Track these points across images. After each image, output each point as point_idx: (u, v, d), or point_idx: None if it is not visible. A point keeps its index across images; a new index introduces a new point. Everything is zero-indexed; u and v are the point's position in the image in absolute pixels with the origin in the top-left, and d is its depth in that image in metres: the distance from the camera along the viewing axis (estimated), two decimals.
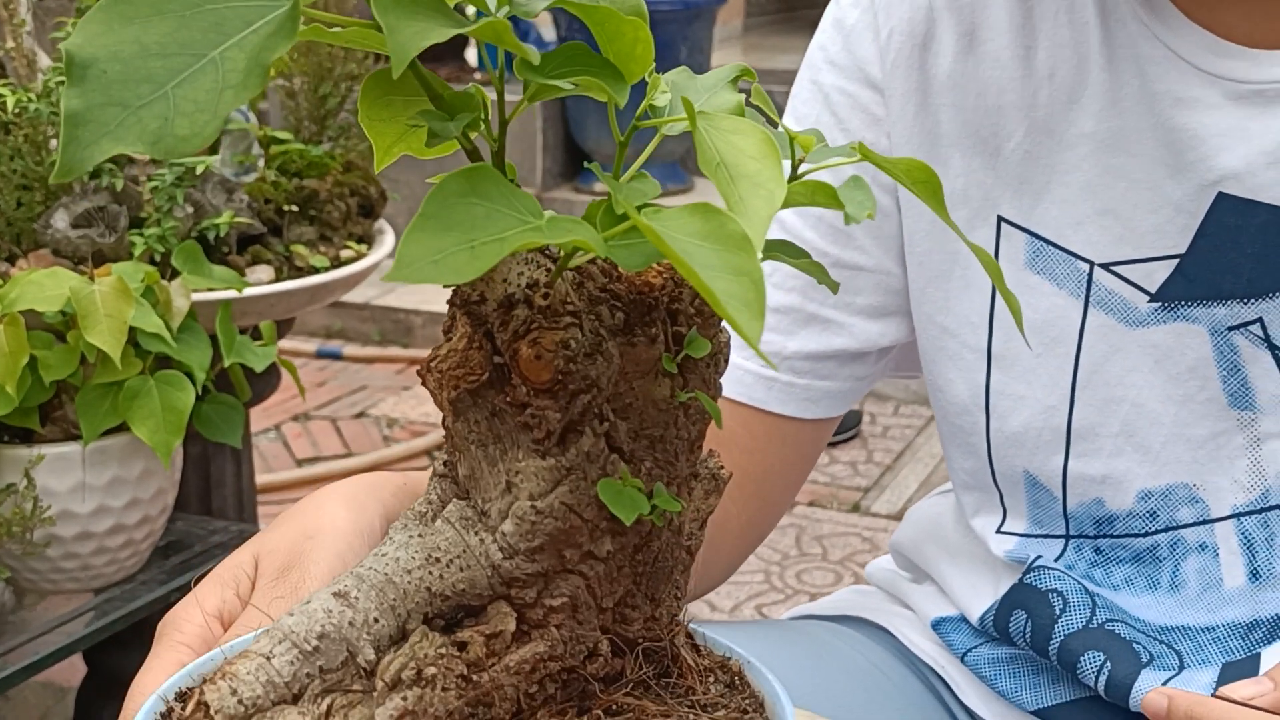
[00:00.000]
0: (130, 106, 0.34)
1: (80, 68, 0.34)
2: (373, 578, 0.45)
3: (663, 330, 0.45)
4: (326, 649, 0.44)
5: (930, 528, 0.89)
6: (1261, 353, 0.72)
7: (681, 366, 0.46)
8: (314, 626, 0.44)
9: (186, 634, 0.58)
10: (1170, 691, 0.56)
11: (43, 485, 1.12)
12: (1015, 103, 0.76)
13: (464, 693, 0.43)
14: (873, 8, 0.80)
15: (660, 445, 0.46)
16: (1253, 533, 0.74)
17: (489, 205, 0.39)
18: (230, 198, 1.31)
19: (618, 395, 0.45)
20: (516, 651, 0.44)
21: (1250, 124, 0.71)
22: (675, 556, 0.47)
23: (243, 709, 0.43)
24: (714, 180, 0.37)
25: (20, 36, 1.30)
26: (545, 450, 0.43)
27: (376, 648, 0.44)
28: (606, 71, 0.42)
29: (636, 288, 0.44)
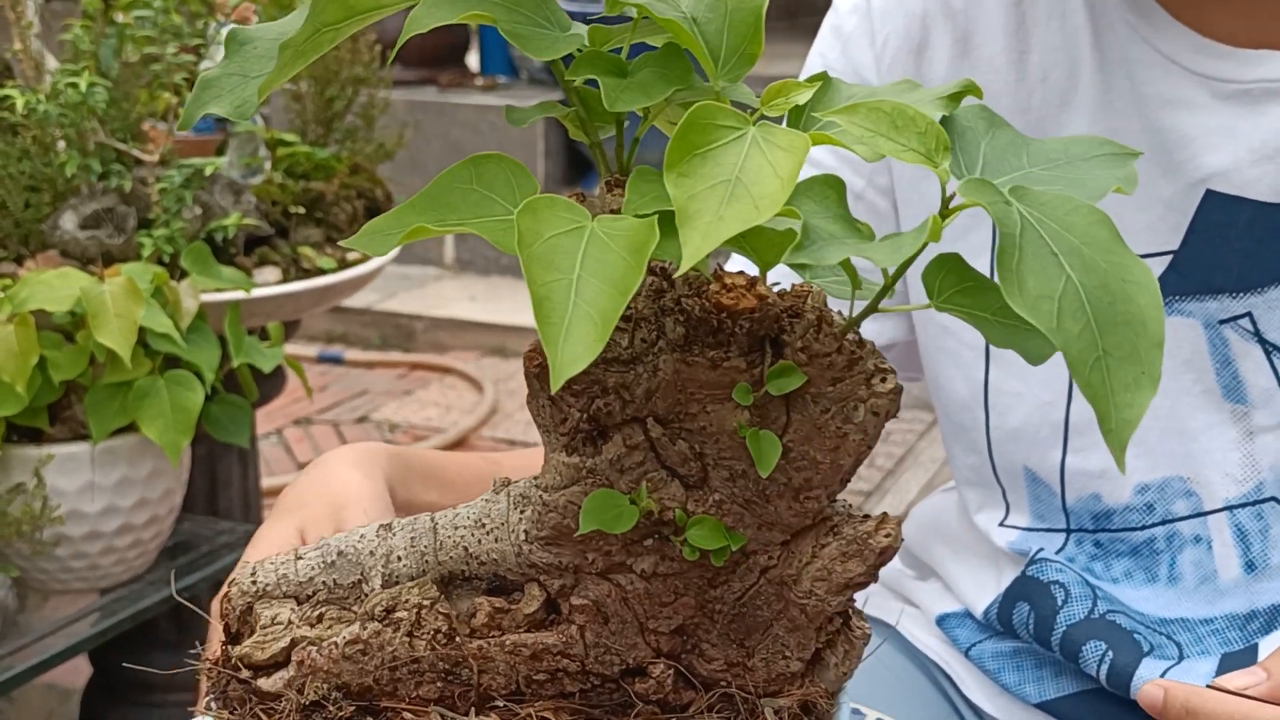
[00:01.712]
0: (247, 76, 0.43)
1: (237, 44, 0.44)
2: (422, 523, 0.47)
3: (741, 357, 0.42)
4: (342, 566, 0.47)
5: (934, 524, 0.90)
6: (1251, 346, 0.73)
7: (788, 404, 0.43)
8: (341, 544, 0.48)
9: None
10: (1166, 683, 0.56)
11: (51, 485, 1.12)
12: (1009, 106, 0.78)
13: (436, 646, 0.45)
14: (869, 15, 0.82)
15: (742, 481, 0.43)
16: (1246, 525, 0.75)
17: (484, 193, 0.41)
18: (238, 199, 1.32)
19: (687, 414, 0.43)
20: (522, 634, 0.45)
21: (1237, 123, 0.72)
22: (775, 609, 0.44)
23: (254, 589, 0.48)
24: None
25: (28, 39, 1.31)
26: (573, 447, 0.44)
27: (385, 580, 0.47)
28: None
29: (711, 306, 0.42)
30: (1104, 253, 0.36)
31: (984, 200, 0.38)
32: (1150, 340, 0.35)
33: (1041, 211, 0.37)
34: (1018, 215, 0.37)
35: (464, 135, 3.99)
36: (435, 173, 0.41)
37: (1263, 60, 0.72)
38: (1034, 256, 0.36)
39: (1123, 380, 0.35)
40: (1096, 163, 0.42)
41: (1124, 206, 0.76)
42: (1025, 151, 0.43)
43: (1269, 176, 0.71)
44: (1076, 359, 0.35)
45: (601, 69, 0.42)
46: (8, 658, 1.14)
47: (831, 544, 0.44)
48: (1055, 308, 0.35)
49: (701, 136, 0.38)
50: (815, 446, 0.43)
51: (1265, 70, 0.72)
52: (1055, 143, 0.43)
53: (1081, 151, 0.42)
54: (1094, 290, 0.36)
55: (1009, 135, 0.43)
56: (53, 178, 1.23)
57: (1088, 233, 0.37)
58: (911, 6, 0.81)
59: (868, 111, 0.40)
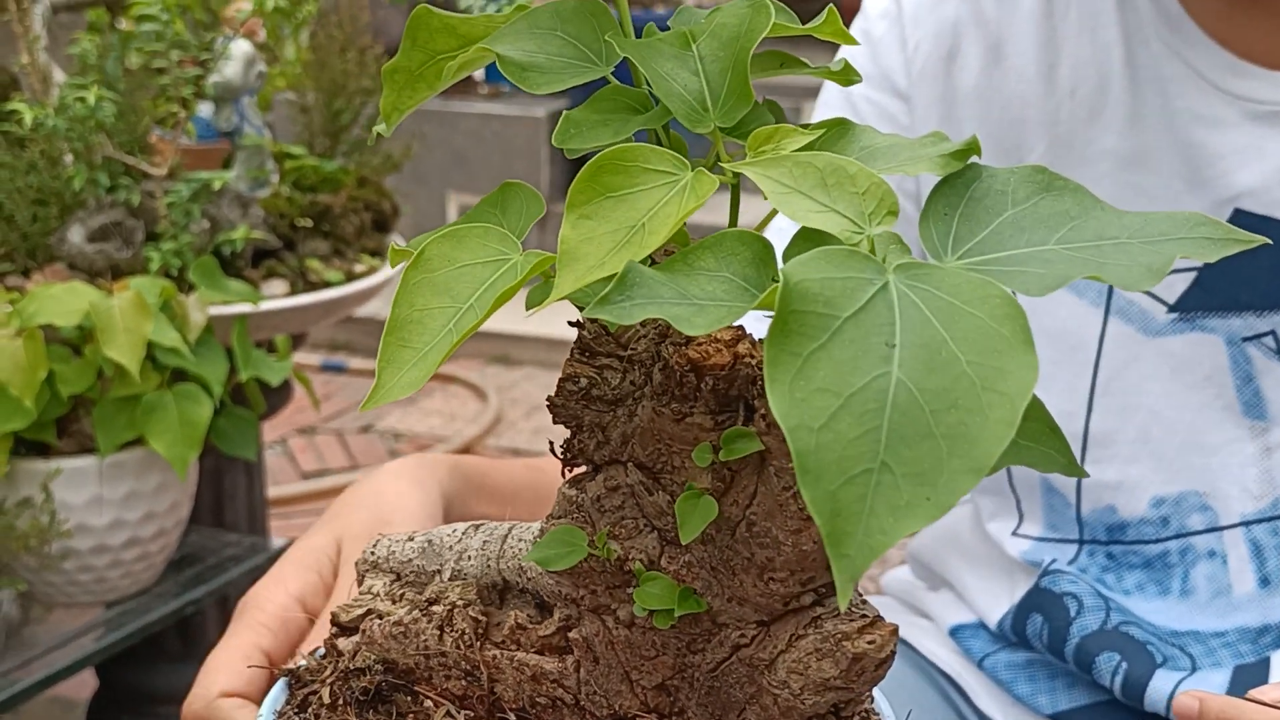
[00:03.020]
0: None
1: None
2: (500, 529, 0.49)
3: (708, 415, 0.40)
4: (429, 554, 0.49)
5: (948, 535, 0.90)
6: (1274, 364, 0.73)
7: (758, 474, 0.40)
8: (435, 535, 0.50)
9: (267, 613, 0.59)
10: (1201, 694, 0.56)
11: (59, 499, 1.12)
12: (1037, 117, 0.78)
13: (460, 645, 0.46)
14: (900, 20, 0.82)
15: (712, 546, 0.41)
16: (1262, 540, 0.75)
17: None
18: (245, 212, 1.32)
19: (671, 466, 0.41)
20: (530, 654, 0.45)
21: (1266, 143, 0.72)
22: (748, 692, 0.42)
23: (371, 560, 0.51)
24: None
25: (35, 52, 1.31)
26: (573, 479, 0.44)
27: (453, 575, 0.48)
28: None
29: (686, 359, 0.39)
30: (980, 353, 0.30)
31: (839, 274, 0.32)
32: (969, 463, 0.29)
33: (933, 298, 0.31)
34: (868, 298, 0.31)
35: (468, 144, 3.99)
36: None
37: None
38: (850, 345, 0.30)
39: (892, 501, 0.29)
40: (1167, 245, 0.35)
41: None
42: (1075, 225, 0.36)
43: None
44: (824, 465, 0.29)
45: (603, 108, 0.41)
46: (14, 671, 1.14)
47: (809, 637, 0.41)
48: (834, 404, 0.30)
49: (619, 179, 0.36)
50: (777, 525, 0.40)
51: None
52: (1135, 218, 0.36)
53: (1161, 230, 0.36)
54: (918, 394, 0.30)
55: (1064, 204, 0.37)
56: (60, 191, 1.23)
57: (977, 329, 0.31)
58: (944, 12, 0.81)
59: (794, 165, 0.35)
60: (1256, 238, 0.34)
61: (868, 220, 0.35)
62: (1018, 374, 0.30)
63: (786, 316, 0.31)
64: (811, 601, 0.41)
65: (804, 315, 0.31)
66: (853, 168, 0.35)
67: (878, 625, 0.41)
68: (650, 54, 0.40)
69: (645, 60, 0.40)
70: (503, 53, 0.42)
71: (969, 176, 0.37)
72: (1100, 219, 0.36)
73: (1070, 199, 0.36)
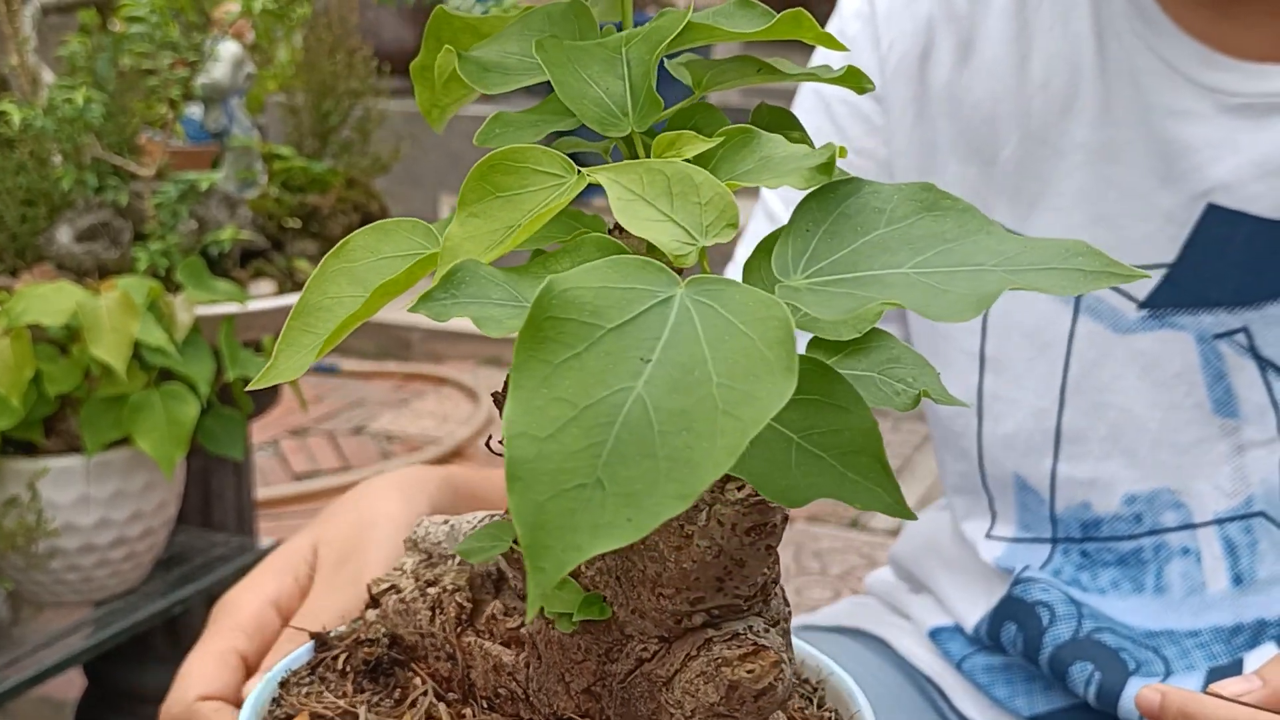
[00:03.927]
0: None
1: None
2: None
3: None
4: (453, 538, 0.51)
5: (928, 539, 0.90)
6: (1246, 361, 0.73)
7: None
8: (463, 521, 0.51)
9: (242, 617, 0.59)
10: (1163, 688, 0.57)
11: (46, 498, 1.12)
12: (1010, 112, 0.78)
13: (445, 629, 0.47)
14: (874, 20, 0.82)
15: (617, 555, 0.41)
16: (1235, 538, 0.75)
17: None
18: (233, 213, 1.32)
19: None
20: (495, 645, 0.46)
21: (1240, 136, 0.72)
22: (650, 708, 0.42)
23: (414, 539, 0.52)
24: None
25: (24, 53, 1.31)
26: None
27: (461, 561, 0.49)
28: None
29: None
30: (736, 376, 0.29)
31: (622, 284, 0.31)
32: (681, 488, 0.28)
33: (714, 316, 0.30)
34: (641, 311, 0.30)
35: (463, 146, 3.99)
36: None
37: (1268, 74, 0.72)
38: (604, 357, 0.29)
39: (595, 519, 0.28)
40: (1027, 274, 0.32)
41: (1125, 218, 0.76)
42: (945, 248, 0.34)
43: (1272, 192, 0.72)
44: (538, 475, 0.28)
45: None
46: (2, 670, 1.14)
47: (699, 659, 0.40)
48: (568, 415, 0.29)
49: (510, 179, 0.36)
50: (663, 539, 0.39)
51: (1270, 84, 0.72)
52: (1016, 244, 0.34)
53: (1036, 258, 0.33)
54: (654, 412, 0.29)
55: (943, 225, 0.34)
56: (48, 191, 1.23)
57: (744, 350, 0.29)
58: (917, 10, 0.81)
59: (646, 172, 0.34)
60: (1137, 272, 0.32)
61: (704, 232, 0.34)
62: (763, 400, 0.29)
63: (543, 323, 0.30)
64: (703, 622, 0.41)
65: (564, 323, 0.30)
66: (699, 177, 0.34)
67: (760, 655, 0.40)
68: (581, 58, 0.40)
69: (569, 64, 0.39)
70: (475, 55, 0.42)
71: (845, 192, 0.35)
72: (977, 243, 0.34)
73: (953, 220, 0.34)
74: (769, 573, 0.41)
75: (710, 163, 0.37)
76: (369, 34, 1.61)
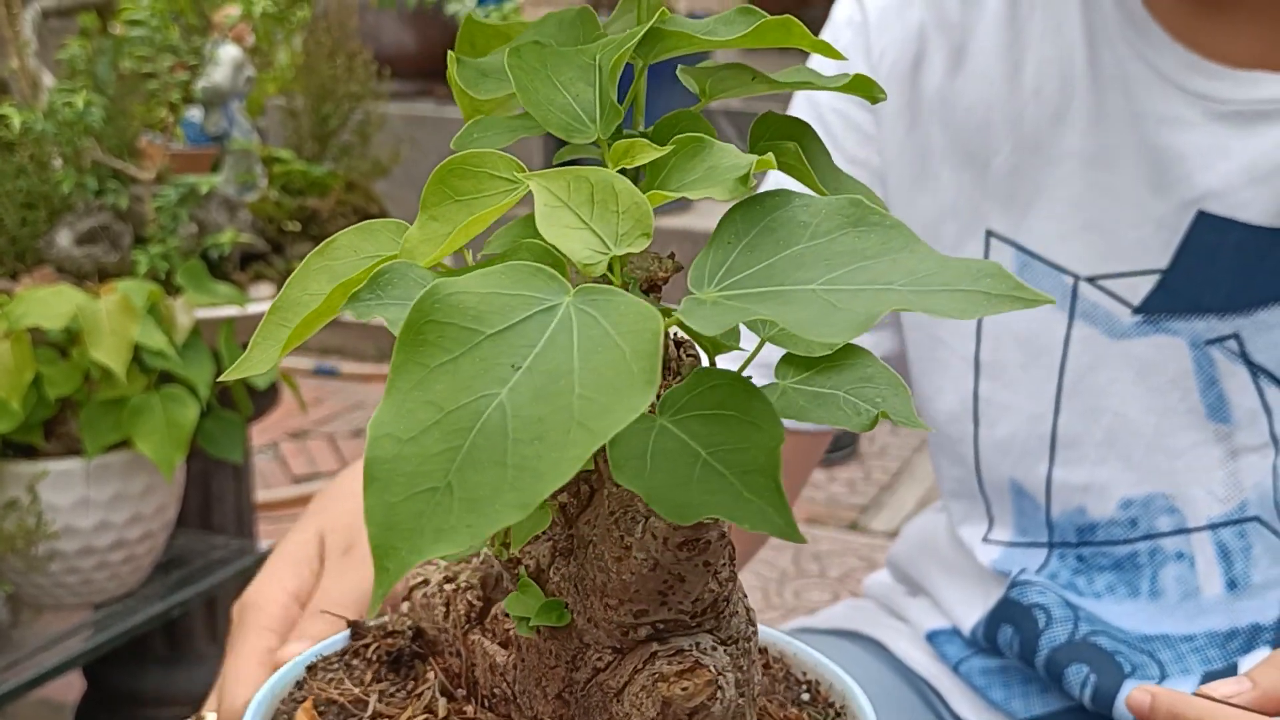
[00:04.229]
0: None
1: None
2: None
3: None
4: None
5: (925, 543, 0.90)
6: (1238, 367, 0.74)
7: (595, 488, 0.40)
8: None
9: (270, 614, 0.60)
10: (1154, 689, 0.57)
11: (46, 500, 1.13)
12: (1002, 119, 0.78)
13: (455, 625, 0.47)
14: (866, 28, 0.82)
15: (574, 563, 0.41)
16: (1229, 543, 0.75)
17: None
18: (233, 216, 1.32)
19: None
20: (493, 645, 0.46)
21: (1229, 143, 0.72)
22: (603, 717, 0.41)
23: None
24: None
25: (25, 56, 1.31)
26: None
27: (483, 559, 0.49)
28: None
29: None
30: (598, 388, 0.29)
31: (511, 290, 0.31)
32: (522, 497, 0.28)
33: (594, 326, 0.30)
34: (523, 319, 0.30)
35: None
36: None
37: (1257, 82, 0.72)
38: (478, 362, 0.30)
39: (439, 524, 0.28)
40: (929, 295, 0.31)
41: (1117, 224, 0.76)
42: (861, 265, 0.33)
43: (1261, 199, 0.72)
44: (395, 476, 0.29)
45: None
46: (1, 673, 1.14)
47: (643, 672, 0.40)
48: (432, 419, 0.29)
49: (467, 184, 0.36)
50: (606, 548, 0.39)
51: (1259, 92, 0.72)
52: (931, 263, 0.33)
53: (947, 279, 0.32)
54: (512, 420, 0.29)
55: (866, 242, 0.33)
56: (49, 195, 1.23)
57: (612, 362, 0.29)
58: (909, 18, 0.81)
59: (573, 179, 0.34)
60: (1042, 297, 0.31)
61: (617, 241, 0.34)
62: (618, 413, 0.29)
63: (423, 327, 0.30)
64: (648, 635, 0.40)
65: (445, 327, 0.30)
66: (620, 186, 0.34)
67: (695, 673, 0.39)
68: (557, 64, 0.40)
69: (543, 71, 0.40)
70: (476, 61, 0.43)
71: (773, 204, 0.34)
72: (895, 261, 0.32)
73: (877, 236, 0.33)
74: (719, 589, 0.40)
75: (663, 171, 0.36)
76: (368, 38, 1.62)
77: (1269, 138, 0.72)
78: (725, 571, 0.40)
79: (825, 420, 0.38)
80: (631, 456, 0.33)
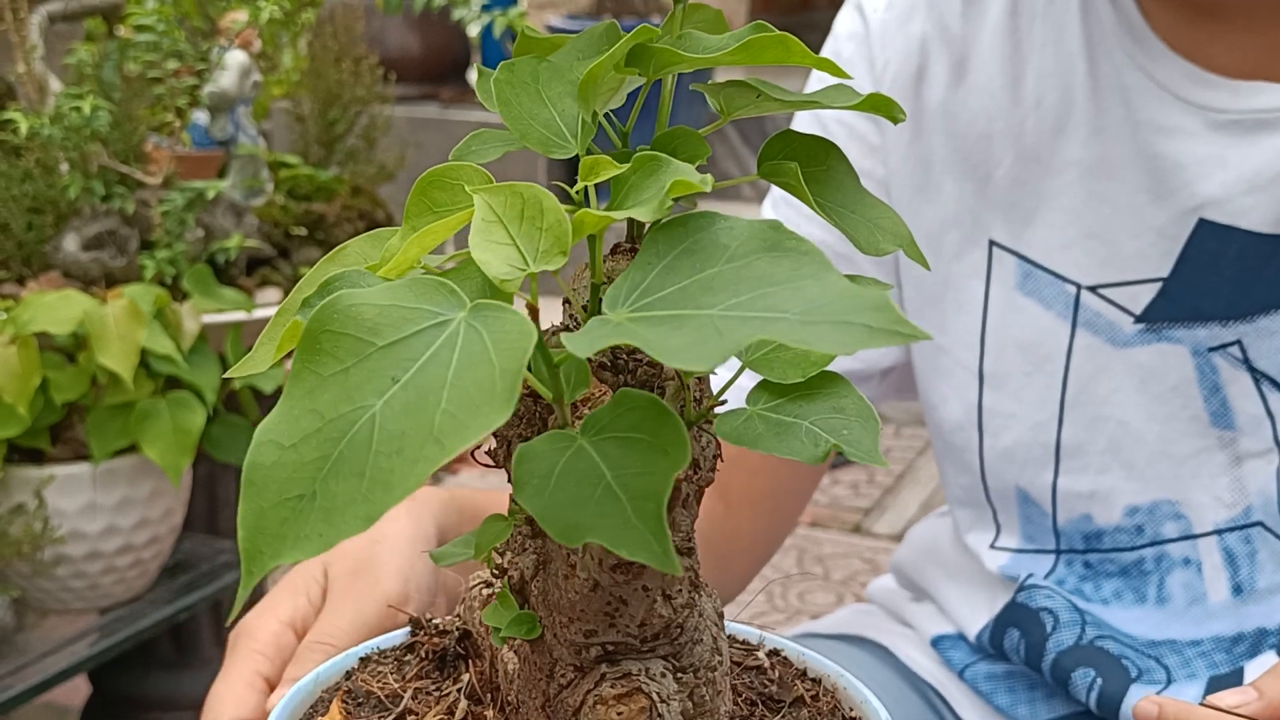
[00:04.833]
0: None
1: None
2: None
3: None
4: None
5: (929, 548, 0.91)
6: (1241, 374, 0.74)
7: None
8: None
9: (261, 641, 0.60)
10: (1160, 700, 0.57)
11: (52, 505, 1.13)
12: (1004, 130, 0.78)
13: (483, 632, 0.48)
14: (868, 41, 0.83)
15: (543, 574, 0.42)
16: (1235, 548, 0.76)
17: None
18: (240, 221, 1.33)
19: None
20: (509, 652, 0.46)
21: (1229, 152, 0.73)
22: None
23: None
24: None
25: (31, 61, 1.32)
26: None
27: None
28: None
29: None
30: (462, 404, 0.29)
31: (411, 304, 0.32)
32: (369, 509, 0.29)
33: (477, 342, 0.31)
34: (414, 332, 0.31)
35: None
36: None
37: (1255, 91, 0.73)
38: (366, 374, 0.30)
39: (299, 531, 0.29)
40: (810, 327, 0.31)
41: (1118, 234, 0.77)
42: (765, 292, 0.32)
43: (1261, 207, 0.72)
44: (270, 482, 0.30)
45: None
46: (7, 678, 1.14)
47: (592, 692, 0.40)
48: (313, 427, 0.30)
49: (444, 196, 0.37)
50: (557, 566, 0.40)
51: (1258, 101, 0.73)
52: (830, 292, 0.31)
53: (835, 311, 0.31)
54: (378, 432, 0.30)
55: (778, 268, 0.32)
56: (55, 199, 1.23)
57: (480, 380, 0.30)
58: (911, 30, 0.82)
59: (510, 194, 0.35)
60: (919, 333, 0.30)
61: (536, 258, 0.34)
62: (471, 429, 0.29)
63: (320, 336, 0.31)
64: (598, 656, 0.40)
65: (341, 338, 0.31)
66: (548, 203, 0.34)
67: (632, 698, 0.39)
68: (548, 79, 0.40)
69: (532, 85, 0.39)
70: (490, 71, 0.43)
71: (697, 225, 0.34)
72: (798, 289, 0.31)
73: (789, 263, 0.32)
74: (671, 615, 0.40)
75: (623, 188, 0.36)
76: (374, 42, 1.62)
77: (1268, 146, 0.72)
78: (681, 598, 0.40)
79: (776, 450, 0.37)
80: (536, 475, 0.33)
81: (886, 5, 0.83)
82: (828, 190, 0.41)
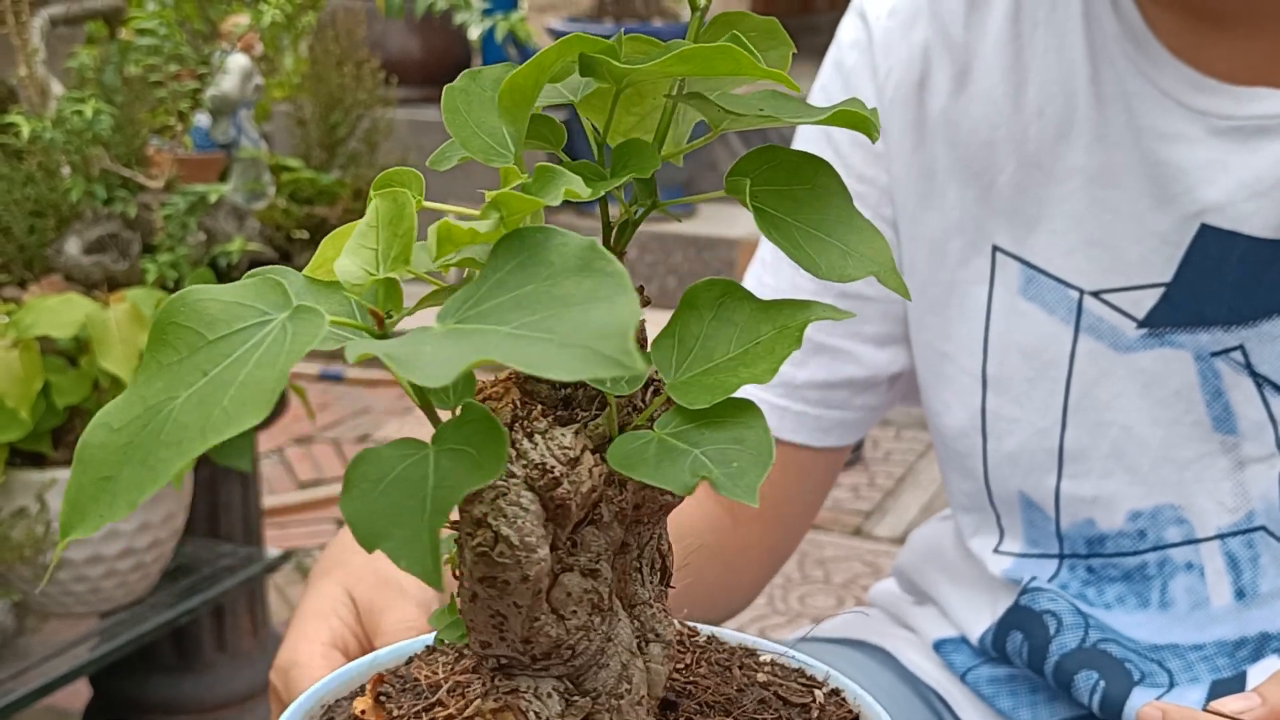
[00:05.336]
0: None
1: None
2: None
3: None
4: None
5: (931, 551, 0.91)
6: (1243, 379, 0.74)
7: None
8: None
9: (317, 669, 0.60)
10: (1164, 706, 0.57)
11: (54, 509, 1.13)
12: (1006, 138, 0.79)
13: None
14: (871, 49, 0.83)
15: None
16: (1237, 553, 0.76)
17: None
18: (241, 224, 1.33)
19: None
20: None
21: (1230, 158, 0.73)
22: None
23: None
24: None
25: (33, 64, 1.32)
26: None
27: None
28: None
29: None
30: (237, 402, 0.31)
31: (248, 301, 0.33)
32: (128, 499, 0.31)
33: (280, 342, 0.32)
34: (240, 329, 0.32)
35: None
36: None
37: (1257, 97, 0.73)
38: (190, 366, 0.32)
39: (93, 511, 0.31)
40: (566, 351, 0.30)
41: (1121, 239, 0.77)
42: (549, 312, 0.31)
43: (1263, 212, 0.72)
44: (93, 460, 0.31)
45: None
46: (8, 681, 1.14)
47: (473, 706, 0.40)
48: (136, 412, 0.32)
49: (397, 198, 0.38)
50: (464, 573, 0.40)
51: (1259, 107, 0.73)
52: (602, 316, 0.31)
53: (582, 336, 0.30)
54: (170, 424, 0.31)
55: (580, 288, 0.32)
56: (57, 203, 1.23)
57: (259, 379, 0.31)
58: (913, 38, 0.82)
59: (393, 201, 0.36)
60: (640, 366, 0.29)
61: (388, 264, 0.35)
62: (226, 430, 0.30)
63: (166, 328, 0.33)
64: (493, 668, 0.40)
65: (183, 330, 0.33)
66: (409, 210, 0.35)
67: (501, 715, 0.39)
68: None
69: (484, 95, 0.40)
70: None
71: (534, 241, 0.33)
72: (584, 310, 0.31)
73: (591, 283, 0.31)
74: (563, 636, 0.39)
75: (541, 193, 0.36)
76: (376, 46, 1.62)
77: (1269, 152, 0.72)
78: (576, 620, 0.39)
79: (648, 478, 0.37)
80: (367, 480, 0.33)
81: (889, 12, 0.83)
82: (806, 210, 0.40)
